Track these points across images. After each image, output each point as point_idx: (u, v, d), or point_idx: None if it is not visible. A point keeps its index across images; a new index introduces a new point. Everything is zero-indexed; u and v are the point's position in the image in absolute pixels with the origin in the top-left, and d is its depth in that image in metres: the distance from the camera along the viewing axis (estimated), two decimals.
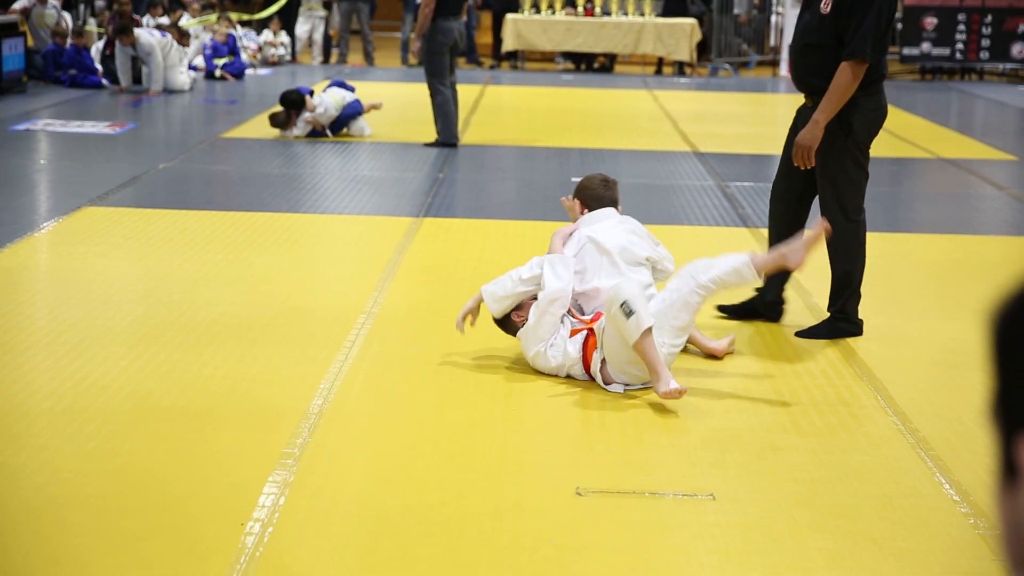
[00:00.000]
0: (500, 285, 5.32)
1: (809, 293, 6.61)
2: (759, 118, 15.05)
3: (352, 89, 12.03)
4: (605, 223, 5.47)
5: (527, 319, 5.24)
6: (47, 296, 6.22)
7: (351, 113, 11.79)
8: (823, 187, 5.95)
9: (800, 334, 5.88)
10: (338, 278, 6.80)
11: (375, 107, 12.04)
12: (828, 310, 5.95)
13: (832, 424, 4.77)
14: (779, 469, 4.32)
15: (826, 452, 4.49)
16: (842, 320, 5.87)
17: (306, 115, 11.57)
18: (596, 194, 5.62)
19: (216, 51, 16.63)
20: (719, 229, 8.17)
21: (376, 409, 4.80)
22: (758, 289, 5.96)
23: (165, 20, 17.08)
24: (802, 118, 5.95)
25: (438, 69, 11.12)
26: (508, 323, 5.36)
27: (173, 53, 14.70)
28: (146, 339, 5.53)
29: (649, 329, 4.82)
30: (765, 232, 8.08)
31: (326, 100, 11.68)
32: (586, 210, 5.60)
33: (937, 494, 4.17)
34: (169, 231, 7.63)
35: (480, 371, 5.27)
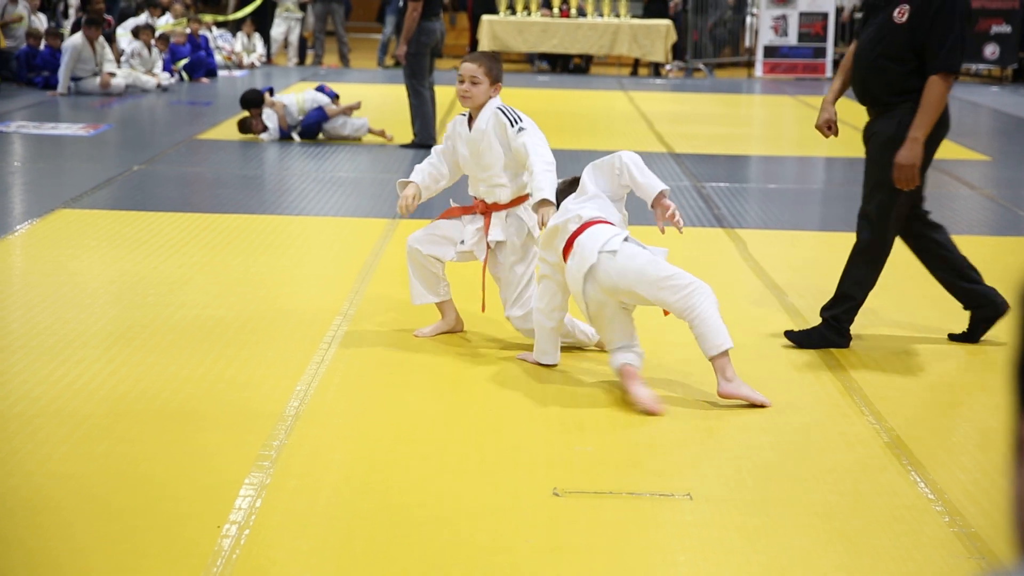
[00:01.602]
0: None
1: (784, 293, 6.62)
2: (734, 119, 15.09)
3: (334, 96, 11.96)
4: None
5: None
6: (21, 299, 6.19)
7: (316, 119, 11.73)
8: (871, 195, 5.66)
9: (789, 335, 5.75)
10: (314, 280, 6.78)
11: (353, 108, 12.00)
12: (821, 313, 5.74)
13: (808, 424, 4.78)
14: (755, 469, 4.33)
15: (802, 451, 4.51)
16: (832, 330, 5.66)
17: (266, 111, 11.55)
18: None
19: (174, 53, 16.47)
20: (695, 230, 8.18)
21: (353, 411, 4.80)
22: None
23: (145, 20, 17.01)
24: (870, 134, 5.69)
25: (418, 70, 11.16)
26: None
27: (87, 55, 14.57)
28: (121, 341, 5.50)
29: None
30: (740, 232, 8.12)
31: (288, 99, 11.69)
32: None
33: (912, 493, 4.19)
34: (144, 233, 7.60)
35: (457, 372, 5.27)
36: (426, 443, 4.48)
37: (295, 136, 11.60)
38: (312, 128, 11.65)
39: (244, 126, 11.73)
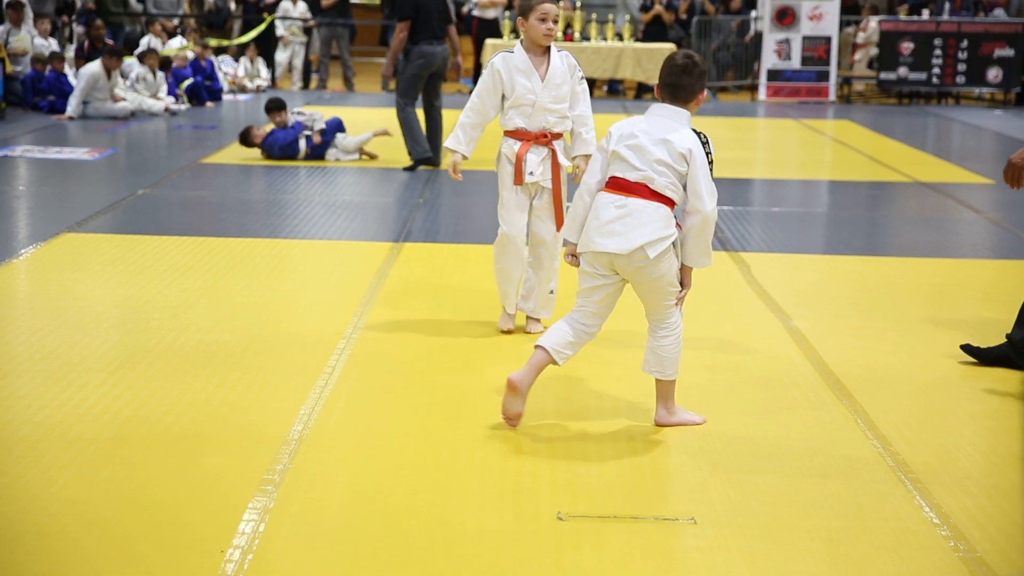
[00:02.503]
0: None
1: (789, 316, 6.62)
2: (738, 142, 15.10)
3: (337, 129, 12.12)
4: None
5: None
6: (25, 322, 6.19)
7: (337, 124, 12.06)
8: None
9: (966, 349, 5.81)
10: (318, 303, 6.79)
11: (384, 133, 12.25)
12: (1007, 336, 5.78)
13: (812, 448, 4.77)
14: (760, 493, 4.32)
15: (806, 476, 4.50)
16: (1016, 354, 5.70)
17: (291, 116, 12.02)
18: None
19: (177, 76, 16.56)
20: None
21: (356, 435, 4.79)
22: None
23: (148, 44, 17.07)
24: None
25: (407, 91, 11.47)
26: None
27: (103, 84, 14.66)
28: (125, 366, 5.51)
29: None
30: (743, 255, 8.12)
31: (315, 113, 12.20)
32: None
33: (917, 517, 4.17)
34: (148, 257, 7.61)
35: (461, 396, 5.27)
36: (430, 467, 4.47)
37: (307, 138, 11.79)
38: (332, 131, 11.86)
39: (245, 137, 11.92)
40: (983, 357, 5.79)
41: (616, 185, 4.72)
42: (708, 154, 4.75)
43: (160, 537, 3.85)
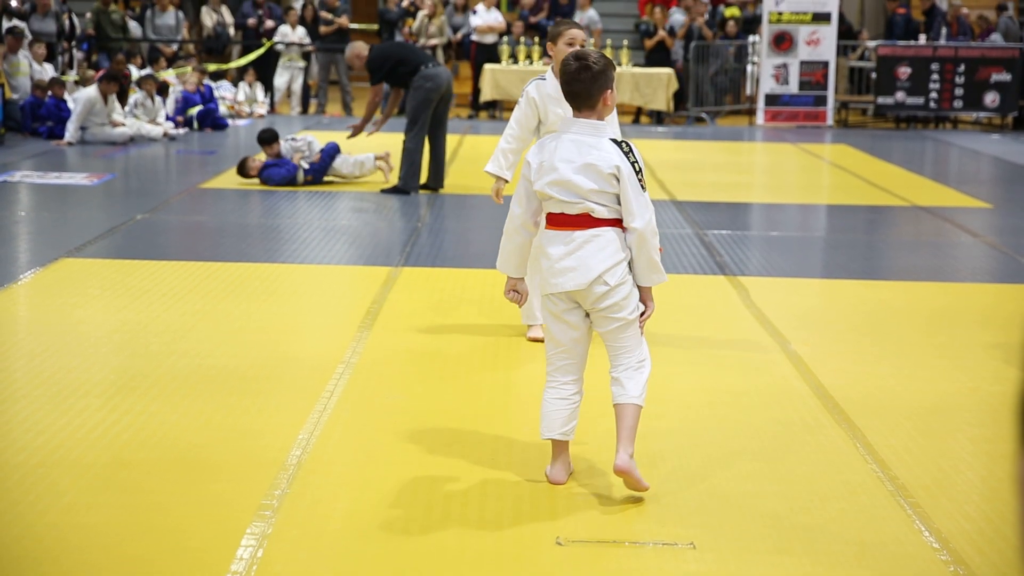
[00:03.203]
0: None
1: (787, 340, 6.62)
2: (736, 167, 15.13)
3: (334, 154, 12.17)
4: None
5: None
6: (24, 347, 6.19)
7: (334, 150, 12.17)
8: None
9: None
10: (317, 328, 6.79)
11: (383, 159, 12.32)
12: None
13: (811, 472, 4.77)
14: (759, 517, 4.32)
15: (805, 500, 4.49)
16: None
17: (284, 146, 12.11)
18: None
19: (187, 101, 16.63)
20: (697, 277, 8.20)
21: (355, 459, 4.78)
22: None
23: (143, 71, 17.11)
24: None
25: (418, 117, 11.48)
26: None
27: (100, 108, 14.69)
28: (123, 390, 5.50)
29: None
30: (742, 279, 8.13)
31: (310, 137, 12.33)
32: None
33: (917, 542, 4.17)
34: (147, 282, 7.61)
35: (459, 421, 5.26)
36: (428, 492, 4.46)
37: (305, 165, 11.82)
38: (330, 156, 12.00)
39: (242, 169, 11.95)
40: None
41: (557, 222, 4.45)
42: (634, 164, 4.40)
43: (159, 562, 3.84)
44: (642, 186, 4.42)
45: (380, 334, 6.59)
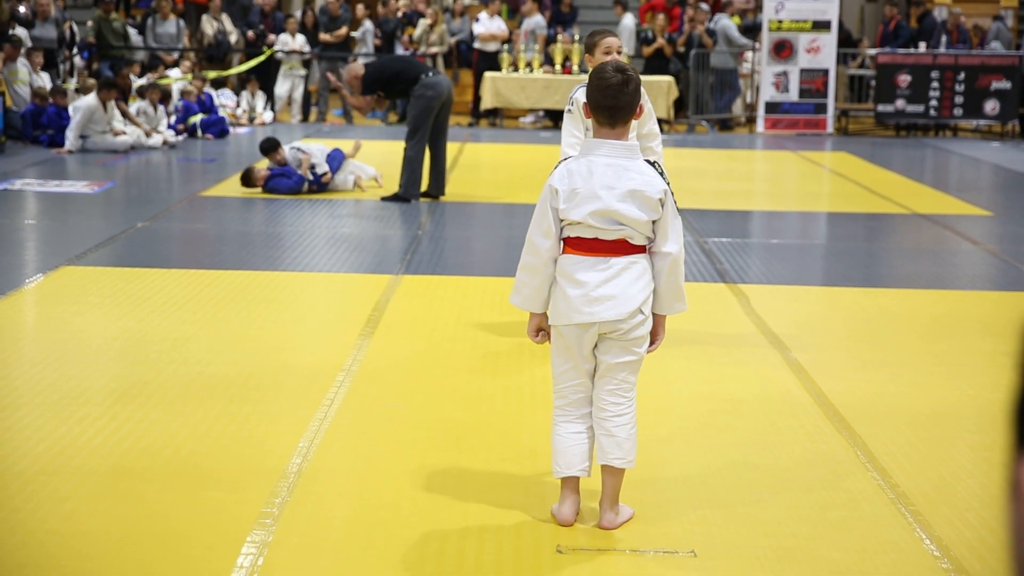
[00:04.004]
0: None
1: (788, 348, 6.62)
2: (736, 174, 15.14)
3: (341, 160, 12.18)
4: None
5: None
6: (25, 355, 6.19)
7: (340, 158, 12.17)
8: None
9: None
10: (317, 336, 6.79)
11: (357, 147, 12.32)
12: None
13: (812, 480, 4.77)
14: (760, 525, 4.32)
15: (807, 508, 4.49)
16: None
17: (289, 153, 12.06)
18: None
19: (188, 110, 16.64)
20: (698, 285, 8.20)
21: (355, 468, 4.78)
22: None
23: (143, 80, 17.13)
24: None
25: (420, 125, 11.53)
26: None
27: (99, 116, 14.72)
28: (124, 398, 5.50)
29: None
30: (742, 287, 8.13)
31: (315, 147, 12.29)
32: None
33: (918, 549, 4.16)
34: (147, 290, 7.61)
35: (459, 429, 5.26)
36: (429, 501, 4.46)
37: (310, 176, 11.82)
38: (337, 162, 12.04)
39: (247, 179, 11.95)
40: None
41: (588, 247, 4.15)
42: (668, 184, 4.20)
43: (159, 570, 3.84)
44: (676, 208, 4.22)
45: (381, 342, 6.59)
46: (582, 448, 4.24)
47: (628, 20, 20.43)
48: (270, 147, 12.13)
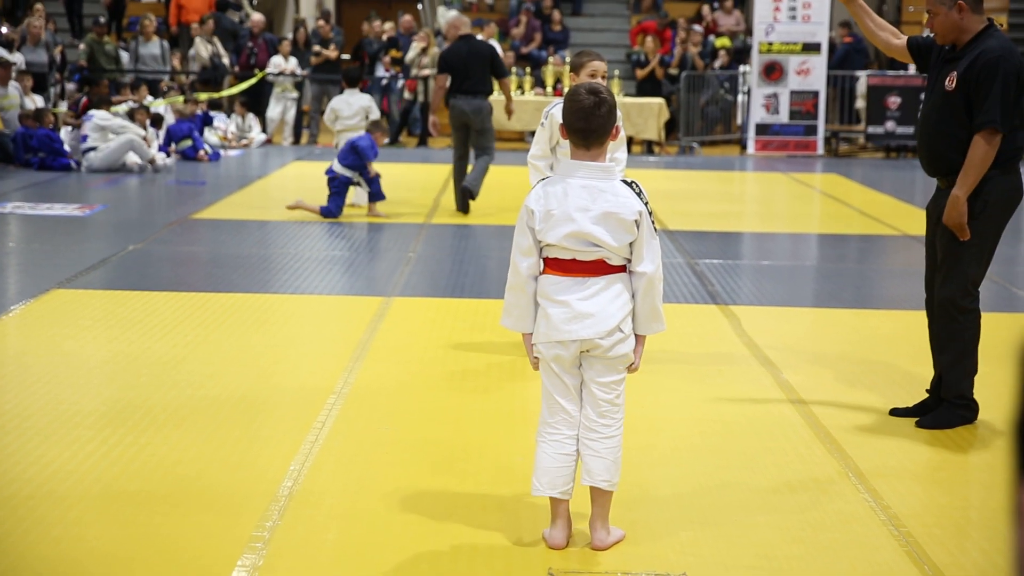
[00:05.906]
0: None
1: (779, 369, 6.62)
2: (727, 196, 15.17)
3: (371, 151, 12.06)
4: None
5: None
6: (14, 379, 6.18)
7: (370, 143, 11.97)
8: (944, 264, 5.67)
9: (921, 424, 5.65)
10: (308, 358, 6.78)
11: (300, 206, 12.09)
12: (943, 396, 5.69)
13: (803, 501, 4.76)
14: (751, 547, 4.31)
15: (798, 529, 4.48)
16: (961, 407, 5.67)
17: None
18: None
19: (171, 134, 16.57)
20: (689, 306, 8.21)
21: (346, 491, 4.77)
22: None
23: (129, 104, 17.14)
24: (936, 202, 5.68)
25: (453, 140, 12.50)
26: None
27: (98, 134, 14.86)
28: (114, 422, 5.49)
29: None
30: (733, 308, 8.14)
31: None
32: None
33: (910, 572, 4.16)
34: (138, 313, 7.60)
35: (451, 451, 5.26)
36: (420, 523, 4.45)
37: (368, 180, 11.90)
38: (374, 152, 11.96)
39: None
40: (911, 413, 5.79)
41: (566, 268, 4.19)
42: (646, 204, 4.24)
43: None
44: (654, 228, 4.24)
45: (372, 364, 6.58)
46: (567, 470, 4.24)
47: None
48: (356, 76, 13.21)
